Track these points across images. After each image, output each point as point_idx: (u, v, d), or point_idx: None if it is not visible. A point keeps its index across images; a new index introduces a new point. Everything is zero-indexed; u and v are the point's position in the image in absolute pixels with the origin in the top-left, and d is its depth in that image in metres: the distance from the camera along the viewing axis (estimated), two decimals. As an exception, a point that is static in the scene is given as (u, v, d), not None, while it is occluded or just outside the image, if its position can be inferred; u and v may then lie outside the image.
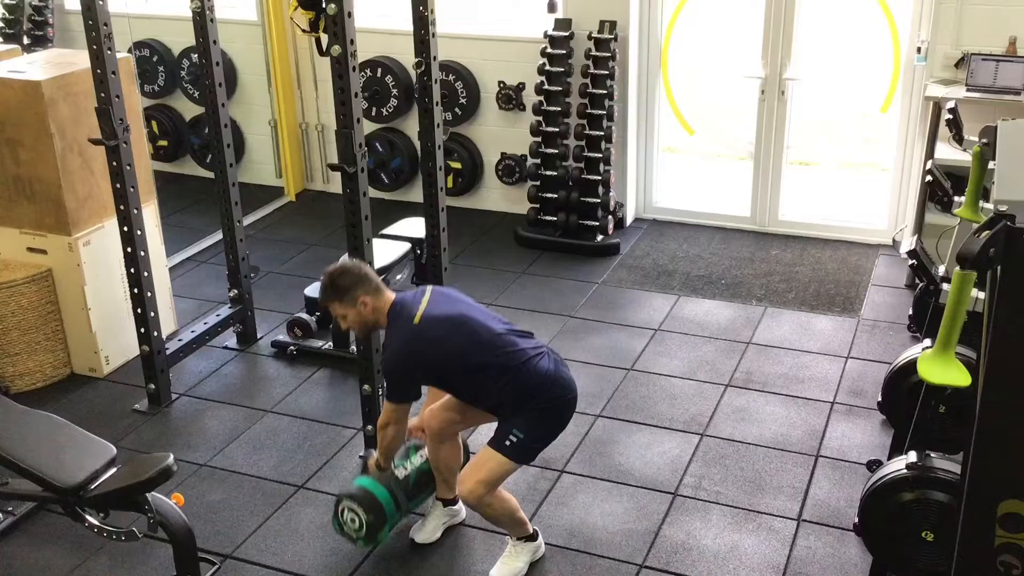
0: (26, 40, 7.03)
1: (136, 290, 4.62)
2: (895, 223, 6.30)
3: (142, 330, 4.68)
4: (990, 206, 2.25)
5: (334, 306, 3.53)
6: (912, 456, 3.37)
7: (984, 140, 3.94)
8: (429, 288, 3.59)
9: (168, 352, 4.86)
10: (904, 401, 4.09)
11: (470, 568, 3.77)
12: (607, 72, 6.15)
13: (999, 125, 3.16)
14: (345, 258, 3.77)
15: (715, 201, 6.86)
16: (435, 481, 3.88)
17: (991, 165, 3.68)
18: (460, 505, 3.95)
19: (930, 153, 5.43)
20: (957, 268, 2.33)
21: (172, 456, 3.27)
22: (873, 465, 4.08)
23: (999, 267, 2.16)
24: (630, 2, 6.21)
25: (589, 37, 6.19)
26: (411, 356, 3.44)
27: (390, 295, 3.53)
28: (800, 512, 4.02)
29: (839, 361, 5.08)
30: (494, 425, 3.56)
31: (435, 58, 4.49)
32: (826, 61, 7.24)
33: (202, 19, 4.70)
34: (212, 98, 4.88)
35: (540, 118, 6.34)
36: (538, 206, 6.48)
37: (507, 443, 3.44)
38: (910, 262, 4.55)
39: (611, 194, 6.41)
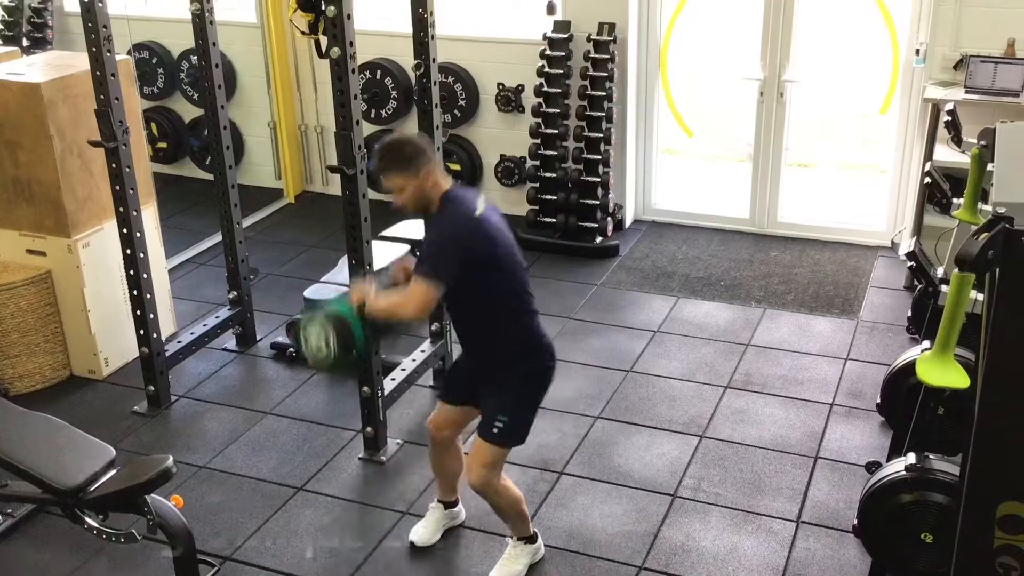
0: (25, 42, 7.03)
1: (135, 292, 4.62)
2: (894, 225, 6.31)
3: (141, 332, 4.68)
4: (989, 208, 2.25)
5: (393, 176, 3.31)
6: (911, 458, 3.37)
7: (983, 142, 3.95)
8: (483, 194, 3.48)
9: (167, 354, 4.86)
10: (903, 403, 4.10)
11: (469, 570, 3.77)
12: (606, 74, 6.15)
13: (998, 127, 3.16)
14: (401, 132, 3.58)
15: (714, 203, 6.87)
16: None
17: (990, 167, 3.68)
18: (460, 507, 3.95)
19: (929, 155, 5.44)
20: (956, 270, 2.33)
21: (171, 458, 3.26)
22: (872, 467, 4.08)
23: (998, 269, 2.16)
24: (629, 4, 6.21)
25: (588, 39, 6.20)
26: (461, 241, 3.29)
27: (448, 179, 3.42)
28: (799, 514, 4.02)
29: (838, 363, 5.09)
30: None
31: (434, 60, 4.50)
32: (825, 63, 7.25)
33: (201, 21, 4.70)
34: (211, 100, 4.88)
35: (539, 120, 6.35)
36: (537, 208, 6.49)
37: (495, 431, 3.44)
38: (909, 264, 4.56)
39: (610, 196, 6.41)
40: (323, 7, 3.71)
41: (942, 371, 2.78)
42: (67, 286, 4.91)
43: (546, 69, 6.26)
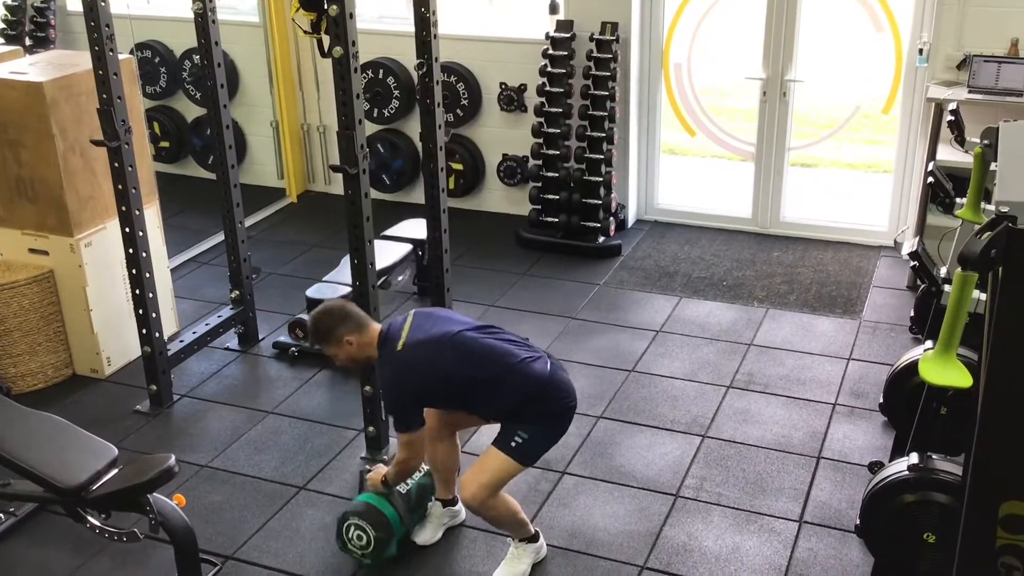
0: (28, 41, 7.03)
1: (138, 291, 4.62)
2: (897, 224, 6.30)
3: (144, 331, 4.68)
4: (992, 207, 2.25)
5: (323, 348, 3.60)
6: (914, 458, 3.37)
7: (986, 141, 3.95)
8: (412, 313, 3.59)
9: (170, 353, 4.86)
10: (906, 403, 4.10)
11: (471, 569, 3.77)
12: (609, 74, 6.15)
13: (1001, 126, 3.16)
14: (329, 300, 3.80)
15: (716, 202, 6.86)
16: (433, 488, 3.90)
17: (993, 166, 3.68)
18: (460, 505, 3.95)
19: (932, 154, 5.43)
20: (958, 269, 2.33)
21: (173, 457, 3.27)
22: (875, 467, 4.08)
23: (1000, 268, 2.15)
24: (632, 4, 6.21)
25: (591, 39, 6.19)
26: (401, 384, 3.44)
27: (375, 328, 3.56)
28: (802, 514, 4.01)
29: (841, 363, 5.08)
30: (496, 427, 3.56)
31: (437, 59, 4.50)
32: (828, 62, 7.24)
33: (204, 20, 4.70)
34: (214, 99, 4.88)
35: (542, 119, 6.35)
36: (539, 207, 6.49)
37: (512, 444, 3.44)
38: (912, 263, 4.55)
39: (612, 195, 6.41)
40: (325, 6, 3.71)
41: (945, 371, 2.78)
42: (69, 285, 4.91)
43: (549, 68, 6.26)
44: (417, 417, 3.48)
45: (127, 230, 4.53)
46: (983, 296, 2.92)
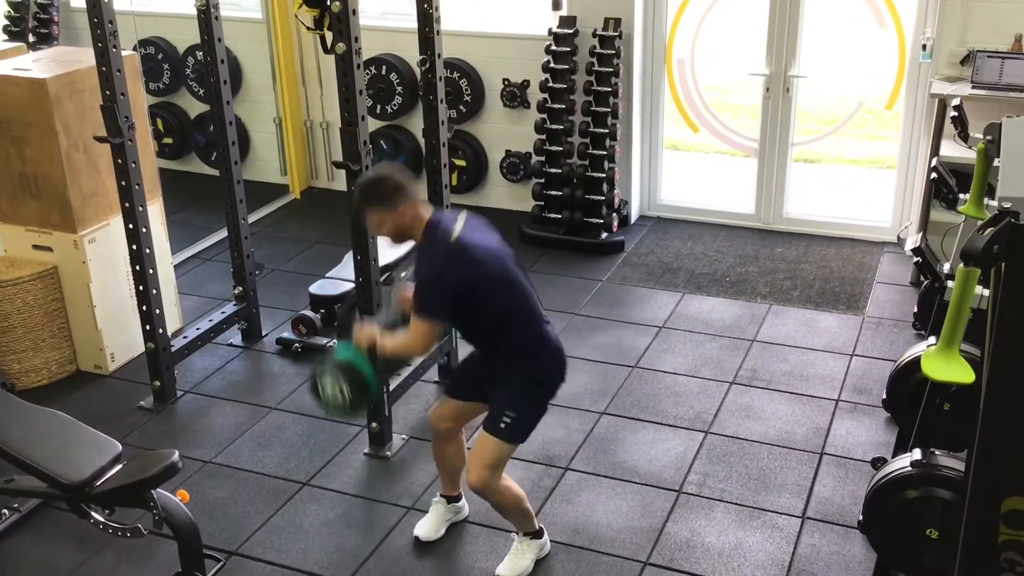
0: (31, 38, 7.04)
1: (141, 287, 4.63)
2: (900, 220, 6.29)
3: (147, 327, 4.69)
4: (995, 203, 2.25)
5: (372, 213, 3.38)
6: (916, 454, 3.37)
7: (989, 137, 3.95)
8: (464, 212, 3.49)
9: (173, 349, 4.87)
10: (909, 398, 4.10)
11: (474, 565, 3.78)
12: (611, 69, 6.15)
13: (1004, 122, 3.16)
14: (380, 166, 3.55)
15: (720, 198, 6.86)
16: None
17: (996, 162, 3.67)
18: (463, 502, 3.96)
19: (935, 150, 5.43)
20: (961, 265, 2.33)
21: (177, 453, 3.27)
22: (878, 463, 4.08)
23: (1003, 264, 2.15)
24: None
25: (594, 34, 6.19)
26: (446, 274, 3.31)
27: (428, 208, 3.44)
28: (804, 510, 4.02)
29: (844, 359, 5.08)
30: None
31: (439, 55, 4.49)
32: (831, 58, 7.23)
33: (207, 17, 4.70)
34: (217, 95, 4.88)
35: (545, 116, 6.34)
36: (542, 203, 6.48)
37: (501, 425, 3.43)
38: (915, 259, 4.55)
39: (615, 191, 6.41)
40: (328, 2, 3.71)
41: (948, 366, 2.78)
42: (73, 281, 4.92)
43: (551, 65, 6.25)
44: (445, 311, 3.33)
45: (131, 226, 4.53)
46: (986, 292, 2.92)
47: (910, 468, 3.34)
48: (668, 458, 4.34)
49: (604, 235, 6.38)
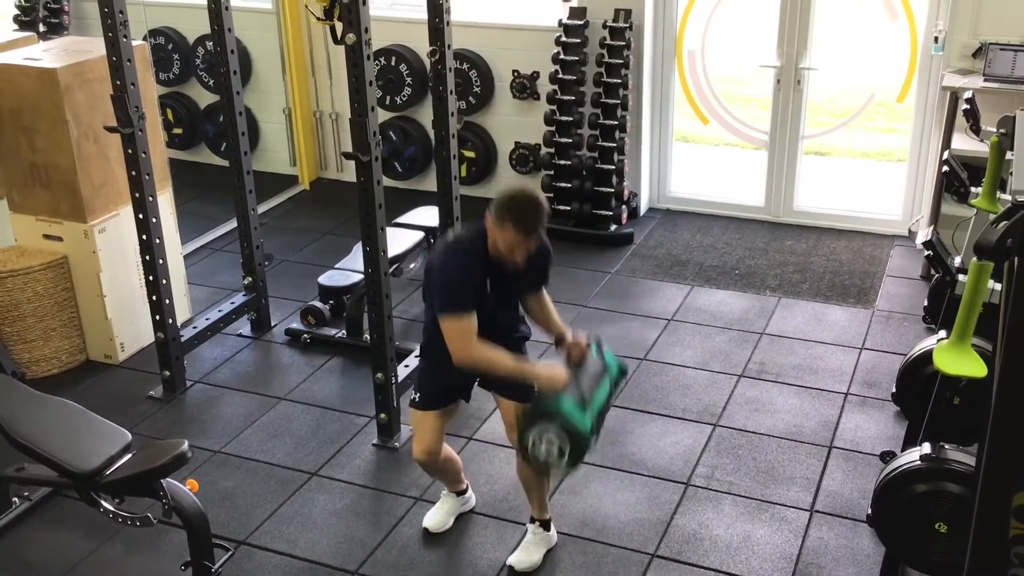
0: (42, 28, 7.04)
1: (151, 277, 4.64)
2: (911, 213, 6.27)
3: (157, 317, 4.70)
4: (1008, 197, 2.24)
5: (539, 234, 3.54)
6: (926, 448, 3.36)
7: (1002, 130, 3.92)
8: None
9: (183, 339, 4.88)
10: (919, 392, 4.08)
11: (482, 556, 3.78)
12: (622, 61, 6.13)
13: (1017, 115, 3.14)
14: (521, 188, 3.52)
15: (729, 191, 6.84)
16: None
17: (1009, 155, 3.66)
18: (470, 493, 3.98)
19: (947, 143, 5.40)
20: (974, 259, 2.32)
21: (187, 443, 3.28)
22: (887, 456, 4.07)
23: (1017, 258, 2.14)
24: (645, -9, 6.20)
25: (604, 26, 6.17)
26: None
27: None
28: (813, 503, 4.01)
29: (853, 352, 5.07)
30: (492, 425, 3.58)
31: (449, 46, 4.49)
32: (843, 50, 7.20)
33: (217, 7, 4.70)
34: (227, 86, 4.88)
35: (554, 107, 6.33)
36: (552, 195, 6.47)
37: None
38: (926, 253, 4.53)
39: (625, 183, 6.40)
40: (338, -7, 3.70)
41: (959, 360, 2.78)
42: (83, 271, 4.93)
43: (561, 56, 6.24)
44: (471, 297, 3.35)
45: (140, 216, 4.54)
46: (998, 286, 2.91)
47: (919, 462, 3.33)
48: (676, 450, 4.34)
49: (613, 227, 6.37)
